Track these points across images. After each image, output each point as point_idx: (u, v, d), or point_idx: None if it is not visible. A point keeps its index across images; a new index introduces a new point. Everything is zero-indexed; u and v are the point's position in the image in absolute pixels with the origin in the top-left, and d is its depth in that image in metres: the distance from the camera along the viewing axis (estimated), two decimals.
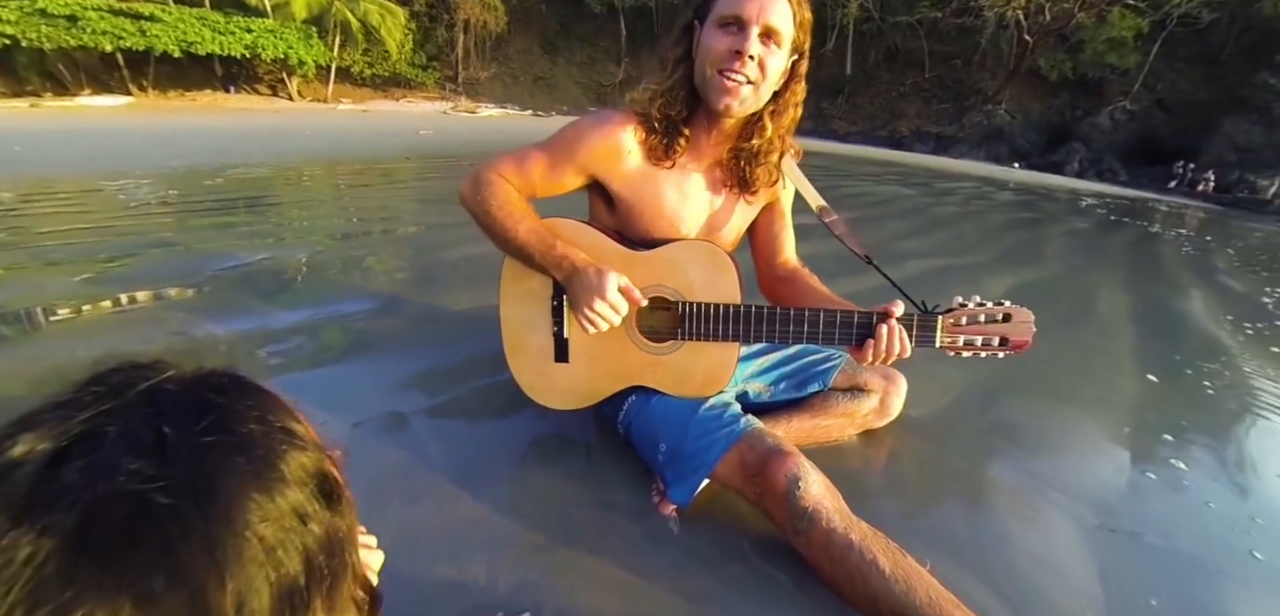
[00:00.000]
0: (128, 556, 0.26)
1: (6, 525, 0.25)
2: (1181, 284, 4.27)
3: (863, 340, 1.12)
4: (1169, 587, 1.16)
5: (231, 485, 0.30)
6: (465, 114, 21.42)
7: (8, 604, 0.24)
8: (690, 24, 1.17)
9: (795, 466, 1.07)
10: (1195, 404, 2.06)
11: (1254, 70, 26.04)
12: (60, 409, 0.30)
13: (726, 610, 1.00)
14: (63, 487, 0.27)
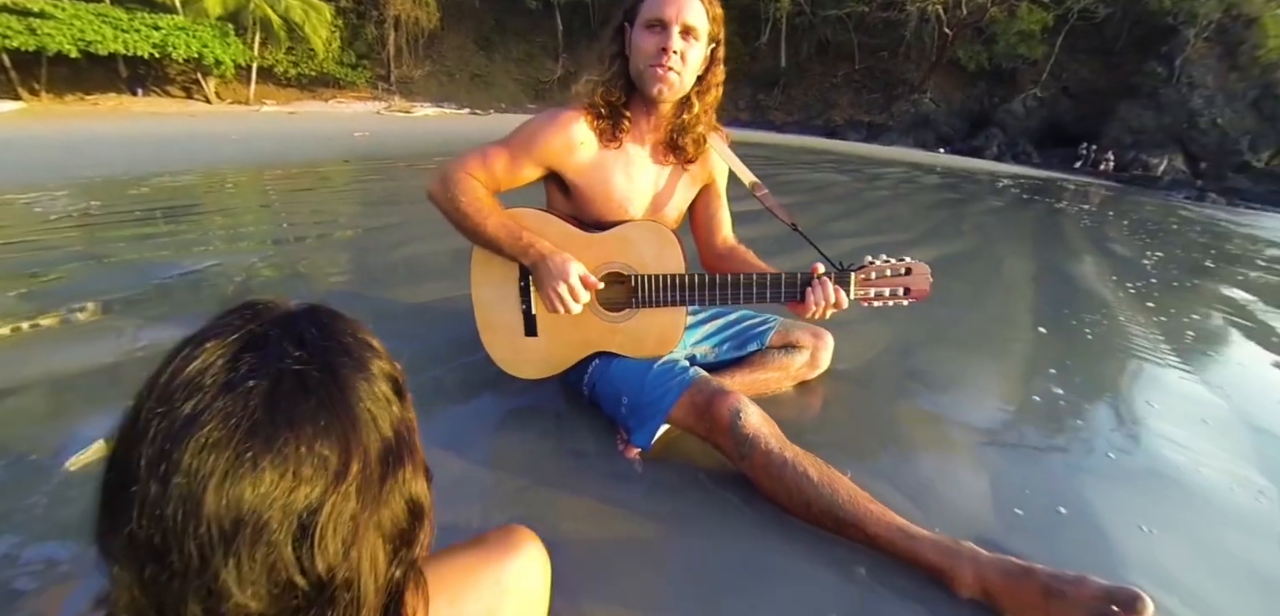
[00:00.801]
0: (302, 408, 0.40)
1: (219, 391, 0.39)
2: (1077, 251, 4.76)
3: (790, 297, 1.33)
4: (1041, 483, 1.43)
5: (346, 375, 0.44)
6: (400, 114, 20.27)
7: (234, 443, 0.37)
8: (621, 26, 1.36)
9: (737, 402, 1.26)
10: (1076, 347, 2.41)
11: (1143, 60, 28.39)
12: (222, 328, 0.43)
13: (688, 527, 1.18)
14: (251, 369, 0.40)
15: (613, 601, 0.98)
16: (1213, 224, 9.41)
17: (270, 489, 0.37)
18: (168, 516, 0.35)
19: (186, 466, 0.35)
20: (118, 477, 0.37)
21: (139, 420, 0.38)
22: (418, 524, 0.46)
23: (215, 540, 0.35)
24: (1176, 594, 1.11)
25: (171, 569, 0.35)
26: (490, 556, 0.59)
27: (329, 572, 0.39)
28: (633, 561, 1.08)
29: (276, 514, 0.37)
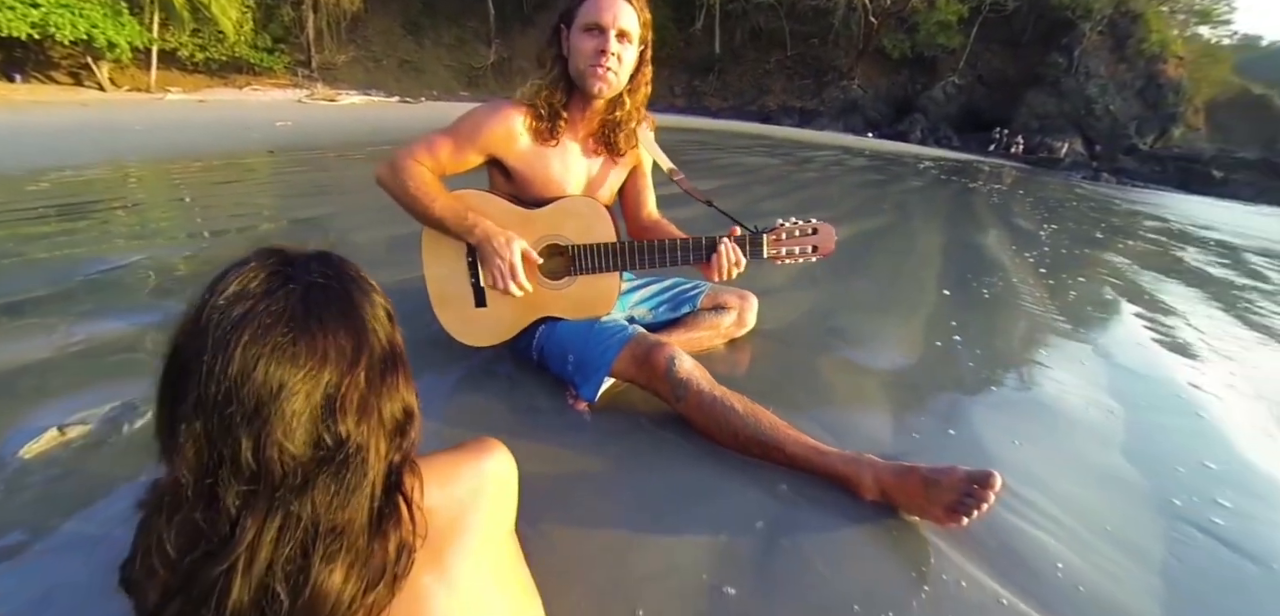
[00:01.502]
0: (326, 311, 0.51)
1: (263, 296, 0.49)
2: (983, 224, 5.21)
3: (701, 260, 1.48)
4: (936, 411, 1.67)
5: (356, 295, 0.55)
6: (324, 102, 18.66)
7: (276, 331, 0.48)
8: (558, 28, 1.47)
9: (672, 351, 1.41)
10: (974, 306, 2.72)
11: (1047, 51, 30.51)
12: (258, 257, 0.53)
13: (633, 461, 1.32)
14: (285, 281, 0.51)
15: (570, 522, 1.11)
16: (1104, 201, 10.35)
17: (304, 364, 0.48)
18: (230, 379, 0.46)
19: (243, 346, 0.46)
20: (184, 362, 0.48)
21: (201, 320, 0.48)
22: (410, 422, 0.57)
23: (265, 398, 0.46)
24: (1036, 487, 1.35)
25: (231, 418, 0.46)
26: (471, 454, 0.70)
27: (346, 436, 0.50)
28: (586, 491, 1.21)
29: (309, 384, 0.48)
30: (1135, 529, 1.28)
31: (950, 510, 1.08)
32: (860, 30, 30.83)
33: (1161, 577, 1.14)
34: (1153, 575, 1.15)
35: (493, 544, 0.66)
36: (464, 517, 0.63)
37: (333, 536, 0.50)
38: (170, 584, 0.49)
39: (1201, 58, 37.33)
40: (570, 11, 1.43)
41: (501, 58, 27.97)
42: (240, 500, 0.47)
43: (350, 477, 0.50)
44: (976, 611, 1.00)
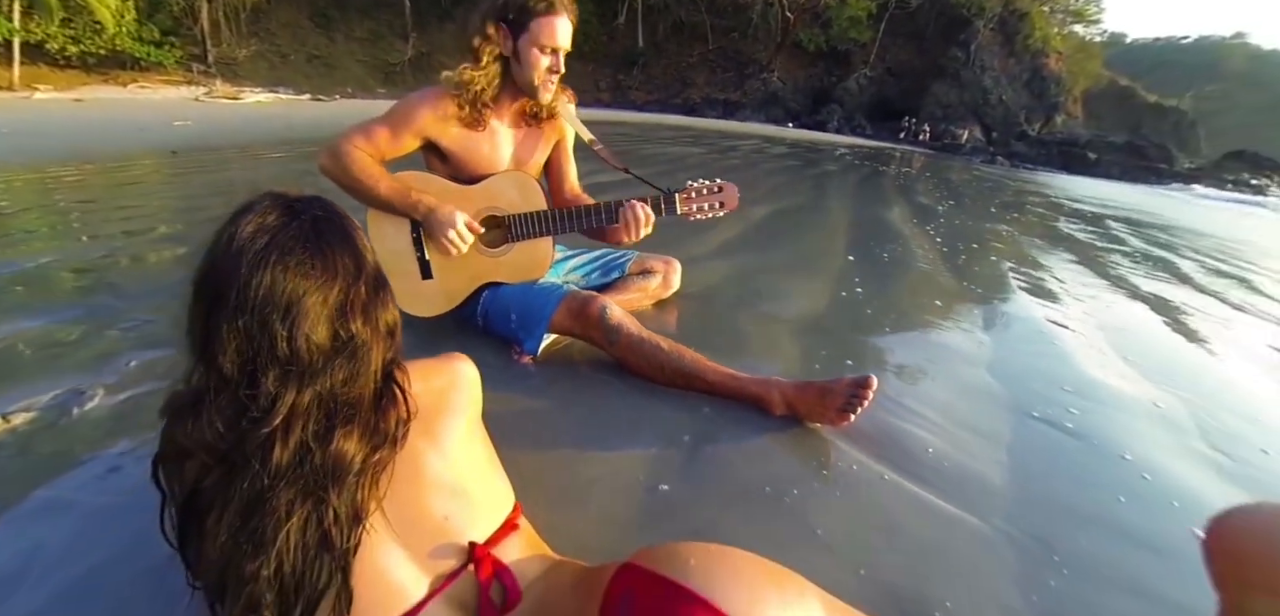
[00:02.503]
0: (331, 236, 0.64)
1: (280, 229, 0.61)
2: (889, 202, 5.67)
3: (613, 221, 1.64)
4: (837, 349, 1.92)
5: (350, 228, 0.68)
6: (226, 101, 16.75)
7: (297, 251, 0.60)
8: (498, 25, 1.57)
9: (604, 301, 1.57)
10: (875, 266, 3.05)
11: (948, 46, 32.68)
12: (265, 199, 0.64)
13: (575, 398, 1.48)
14: (295, 215, 0.63)
15: (525, 446, 1.24)
16: (998, 181, 11.33)
17: (321, 276, 0.62)
18: (266, 288, 0.59)
19: (272, 264, 0.59)
20: (221, 279, 0.60)
21: (231, 247, 0.60)
22: (397, 330, 0.72)
23: (294, 300, 0.60)
24: (915, 396, 1.63)
25: (268, 316, 0.58)
26: (444, 359, 0.84)
27: (355, 333, 0.64)
28: (535, 423, 1.36)
29: (326, 290, 0.62)
30: (992, 422, 1.56)
31: (841, 411, 1.31)
32: (778, 24, 31.92)
33: (1008, 454, 1.42)
34: (1002, 452, 1.42)
35: (471, 423, 0.81)
36: (445, 400, 0.78)
37: (348, 408, 0.64)
38: (211, 458, 0.60)
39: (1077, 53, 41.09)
40: (522, 21, 1.54)
41: (420, 52, 26.79)
42: (279, 380, 0.60)
43: (359, 364, 0.65)
44: (863, 485, 1.22)
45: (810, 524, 1.08)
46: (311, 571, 0.59)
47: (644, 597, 0.60)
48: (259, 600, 0.58)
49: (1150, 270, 4.17)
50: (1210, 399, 1.99)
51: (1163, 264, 4.51)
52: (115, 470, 1.12)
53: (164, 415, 0.65)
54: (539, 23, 1.53)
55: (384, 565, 0.65)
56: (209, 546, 0.60)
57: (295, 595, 0.59)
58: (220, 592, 0.60)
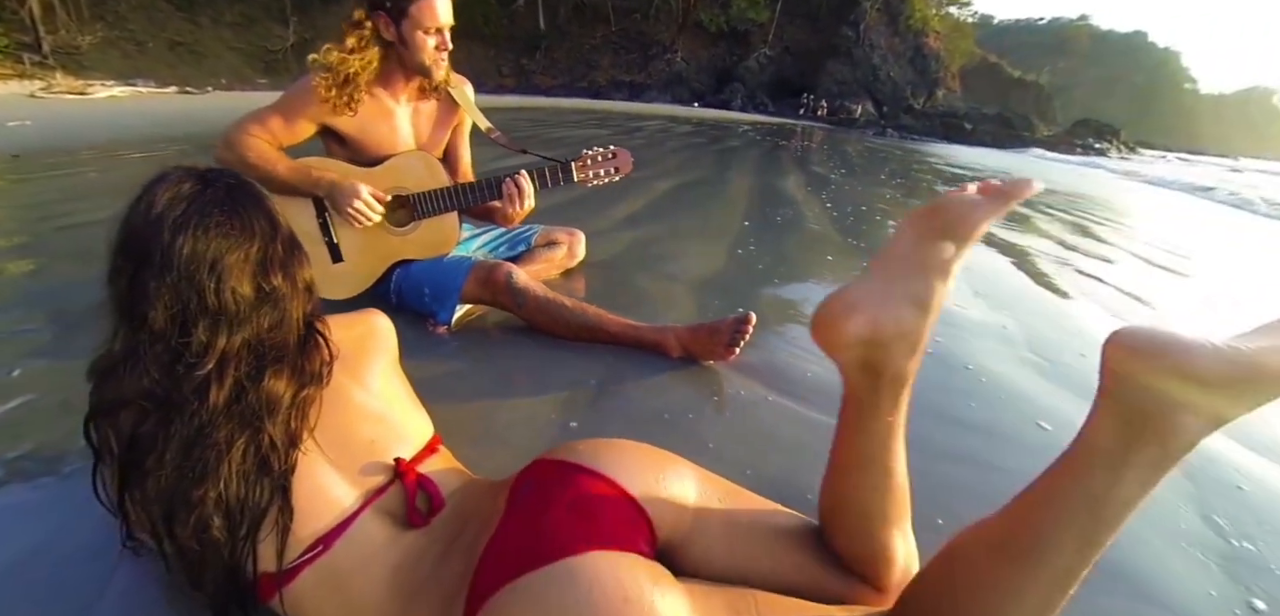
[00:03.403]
0: (245, 200, 0.70)
1: (195, 196, 0.67)
2: (786, 172, 6.03)
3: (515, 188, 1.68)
4: (732, 300, 2.11)
5: (261, 194, 0.74)
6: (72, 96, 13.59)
7: (215, 213, 0.66)
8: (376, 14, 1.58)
9: (510, 268, 1.66)
10: (769, 228, 3.30)
11: (839, 25, 34.41)
12: (173, 173, 0.69)
13: (491, 356, 1.57)
14: (207, 184, 0.69)
15: (446, 400, 1.29)
16: (887, 151, 12.19)
17: (240, 235, 0.68)
18: (190, 248, 0.64)
19: (194, 227, 0.65)
20: (144, 244, 0.65)
21: (149, 215, 0.65)
22: (314, 287, 0.79)
23: (218, 257, 0.66)
24: (800, 334, 1.84)
25: (193, 273, 0.64)
26: (361, 313, 0.92)
27: (277, 286, 0.71)
28: (455, 381, 1.43)
29: (246, 246, 0.68)
30: None
31: (727, 346, 1.48)
32: (679, 5, 32.34)
33: None
34: None
35: (390, 363, 0.90)
36: (365, 344, 0.86)
37: (276, 351, 0.71)
38: (150, 403, 0.66)
39: (953, 32, 44.58)
40: (401, 7, 1.56)
41: (303, 38, 24.34)
42: (209, 328, 0.66)
43: (282, 312, 0.72)
44: (750, 405, 1.40)
45: (703, 439, 1.23)
46: (253, 493, 0.67)
47: (543, 476, 0.72)
48: (208, 520, 0.65)
49: (1005, 221, 4.72)
50: (1041, 320, 2.35)
51: (1017, 216, 5.10)
52: None
53: (92, 377, 0.70)
54: (418, 6, 1.56)
55: (319, 483, 0.72)
56: (152, 484, 0.65)
57: (241, 514, 0.66)
58: (168, 524, 0.66)
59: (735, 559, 0.75)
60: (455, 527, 0.75)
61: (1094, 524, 0.53)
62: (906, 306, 0.62)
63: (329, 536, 0.71)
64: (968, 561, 0.61)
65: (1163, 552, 1.10)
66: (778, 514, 0.82)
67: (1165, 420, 0.49)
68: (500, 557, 0.64)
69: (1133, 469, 0.51)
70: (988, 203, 0.63)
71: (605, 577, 0.59)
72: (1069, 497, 0.54)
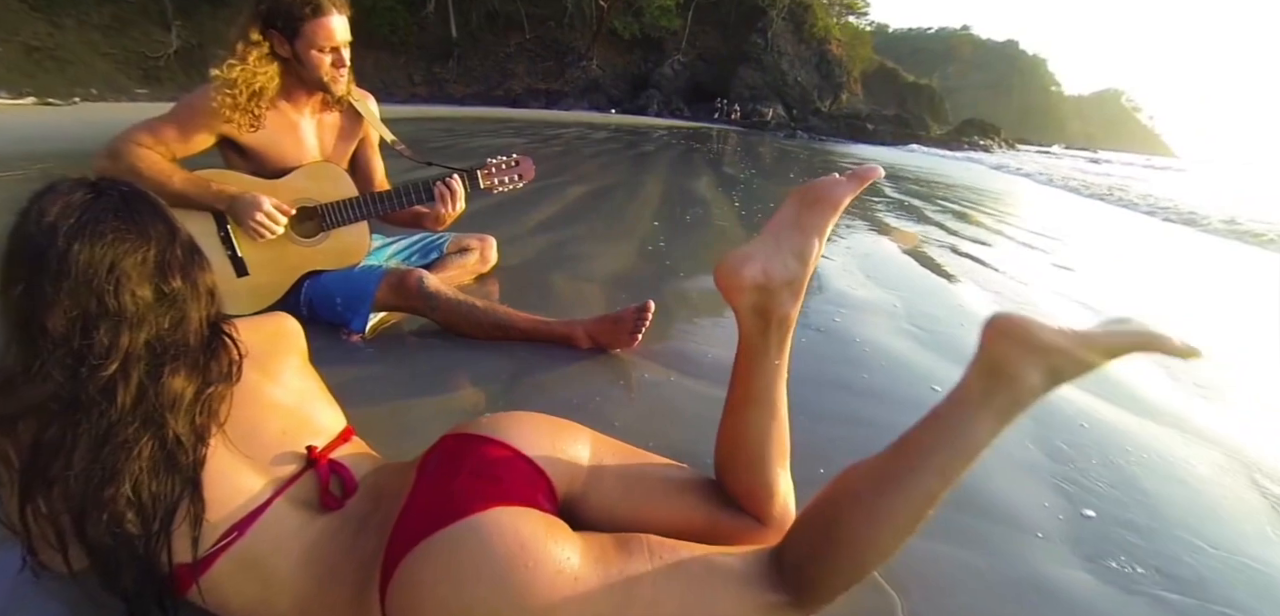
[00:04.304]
0: (143, 207, 0.72)
1: (88, 205, 0.68)
2: (699, 174, 6.26)
3: (432, 197, 1.73)
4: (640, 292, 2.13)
5: (157, 200, 0.76)
6: None
7: (110, 220, 0.67)
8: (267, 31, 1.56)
9: (421, 273, 1.70)
10: (678, 226, 3.48)
11: (749, 33, 35.76)
12: (64, 184, 0.70)
13: (406, 360, 1.60)
14: (100, 193, 0.70)
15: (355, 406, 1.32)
16: (796, 152, 12.82)
17: (136, 240, 0.70)
18: (87, 254, 0.66)
19: (89, 235, 0.66)
20: (38, 253, 0.65)
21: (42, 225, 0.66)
22: (216, 292, 0.81)
23: (116, 262, 0.67)
24: (703, 322, 1.98)
25: (91, 278, 0.66)
26: (270, 316, 0.95)
27: (176, 288, 0.73)
28: (368, 384, 1.43)
29: (143, 251, 0.70)
30: None
31: (630, 334, 1.59)
32: (593, 12, 32.50)
33: None
34: None
35: (300, 361, 0.93)
36: (275, 344, 0.90)
37: (175, 351, 0.73)
38: (56, 404, 0.66)
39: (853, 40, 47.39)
40: (292, 28, 1.55)
41: (188, 44, 22.29)
42: (111, 331, 0.67)
43: (182, 314, 0.74)
44: (653, 386, 1.51)
45: (610, 418, 1.33)
46: (164, 487, 0.69)
47: (449, 449, 0.79)
48: (120, 516, 0.66)
49: (898, 212, 5.14)
50: (924, 297, 2.62)
51: (909, 207, 5.57)
52: None
53: None
54: (310, 27, 1.55)
55: (231, 474, 0.75)
56: (59, 490, 0.66)
57: (153, 508, 0.68)
58: (79, 527, 0.67)
59: (631, 507, 0.84)
60: (369, 506, 0.80)
61: (954, 456, 0.68)
62: (791, 258, 0.80)
63: (243, 523, 0.74)
64: (850, 492, 0.74)
65: (1008, 479, 1.29)
66: (671, 467, 0.93)
67: (1018, 380, 0.66)
68: (411, 523, 0.70)
69: (989, 411, 0.67)
70: (848, 183, 0.82)
71: (505, 528, 0.67)
72: (939, 435, 0.69)
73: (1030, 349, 0.66)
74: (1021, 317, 0.67)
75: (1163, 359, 2.12)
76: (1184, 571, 1.06)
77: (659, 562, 0.71)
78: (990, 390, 0.67)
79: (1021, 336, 0.66)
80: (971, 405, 0.68)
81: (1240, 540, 1.18)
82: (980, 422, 0.67)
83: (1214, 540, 1.16)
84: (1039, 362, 0.66)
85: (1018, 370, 0.66)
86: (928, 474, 0.68)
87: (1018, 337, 0.66)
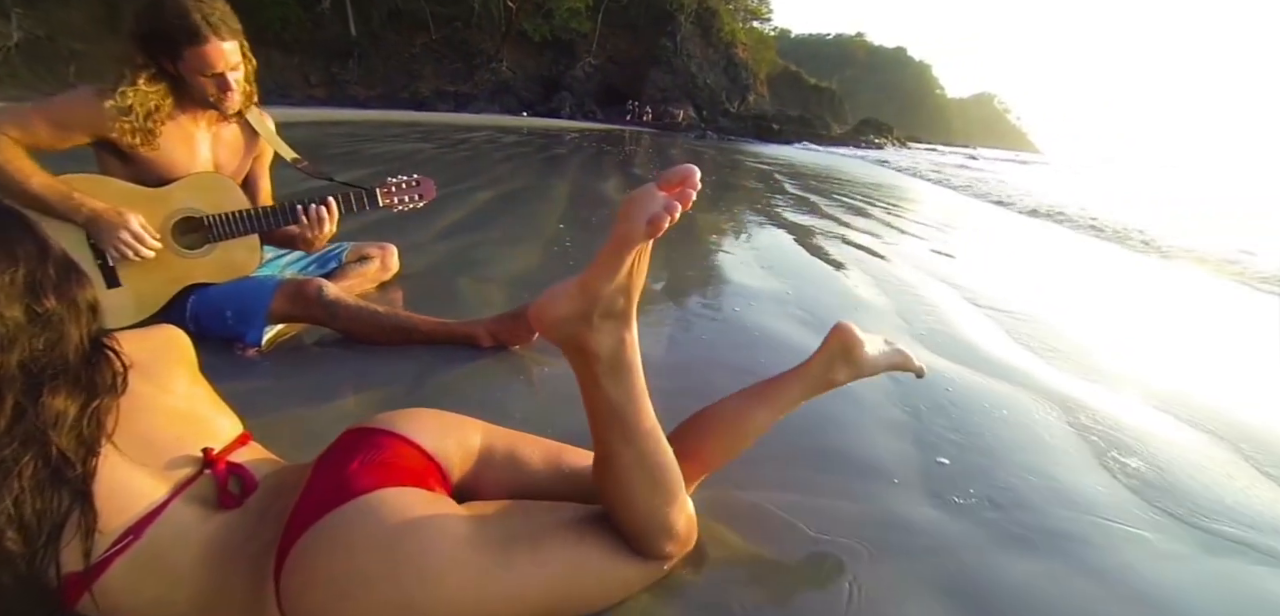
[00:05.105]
0: (12, 227, 0.70)
1: None
2: (607, 176, 6.37)
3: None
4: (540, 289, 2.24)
5: (30, 220, 0.74)
6: None
7: None
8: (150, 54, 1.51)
9: (319, 282, 1.67)
10: (583, 228, 3.58)
11: (658, 36, 36.38)
12: None
13: (308, 369, 1.58)
14: None
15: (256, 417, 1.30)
16: (705, 151, 13.21)
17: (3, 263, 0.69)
18: None
19: None
20: None
21: None
22: (98, 306, 0.79)
23: None
24: None
25: None
26: (155, 327, 0.93)
27: (51, 309, 0.72)
28: (266, 398, 1.40)
29: (11, 273, 0.68)
30: (669, 320, 2.10)
31: (530, 329, 1.64)
32: (501, 13, 31.97)
33: (674, 338, 1.95)
34: (671, 336, 1.93)
35: (190, 371, 0.92)
36: (162, 354, 0.89)
37: (53, 370, 0.72)
38: None
39: (758, 44, 49.34)
40: (173, 53, 1.49)
41: (32, 35, 19.86)
42: None
43: (57, 333, 0.73)
44: (553, 379, 1.59)
45: (510, 411, 1.38)
46: (50, 503, 0.69)
47: (345, 442, 0.83)
48: (1, 533, 0.65)
49: (796, 207, 5.47)
50: (813, 284, 2.83)
51: (806, 201, 5.93)
52: None
53: None
54: (191, 53, 1.49)
55: (125, 482, 0.75)
56: None
57: (38, 524, 0.68)
58: None
59: (520, 486, 0.91)
60: (268, 502, 0.81)
61: (622, 424, 0.78)
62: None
63: (139, 526, 0.74)
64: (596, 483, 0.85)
65: (872, 438, 1.46)
66: (559, 448, 1.01)
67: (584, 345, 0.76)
68: (305, 511, 0.74)
69: (604, 381, 0.77)
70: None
71: (392, 504, 0.72)
72: (597, 419, 0.80)
73: (566, 320, 0.76)
74: (540, 300, 0.78)
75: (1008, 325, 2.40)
76: (1010, 497, 1.26)
77: (539, 523, 0.79)
78: (586, 367, 0.78)
79: (549, 315, 0.77)
80: (589, 389, 0.80)
81: (1056, 468, 1.40)
82: (610, 393, 0.78)
83: (1036, 469, 1.38)
84: (585, 322, 0.76)
85: (582, 339, 0.76)
86: (619, 447, 0.79)
87: (550, 318, 0.77)
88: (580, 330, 0.75)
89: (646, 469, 0.80)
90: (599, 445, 0.81)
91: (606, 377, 0.76)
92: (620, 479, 0.80)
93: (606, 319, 0.75)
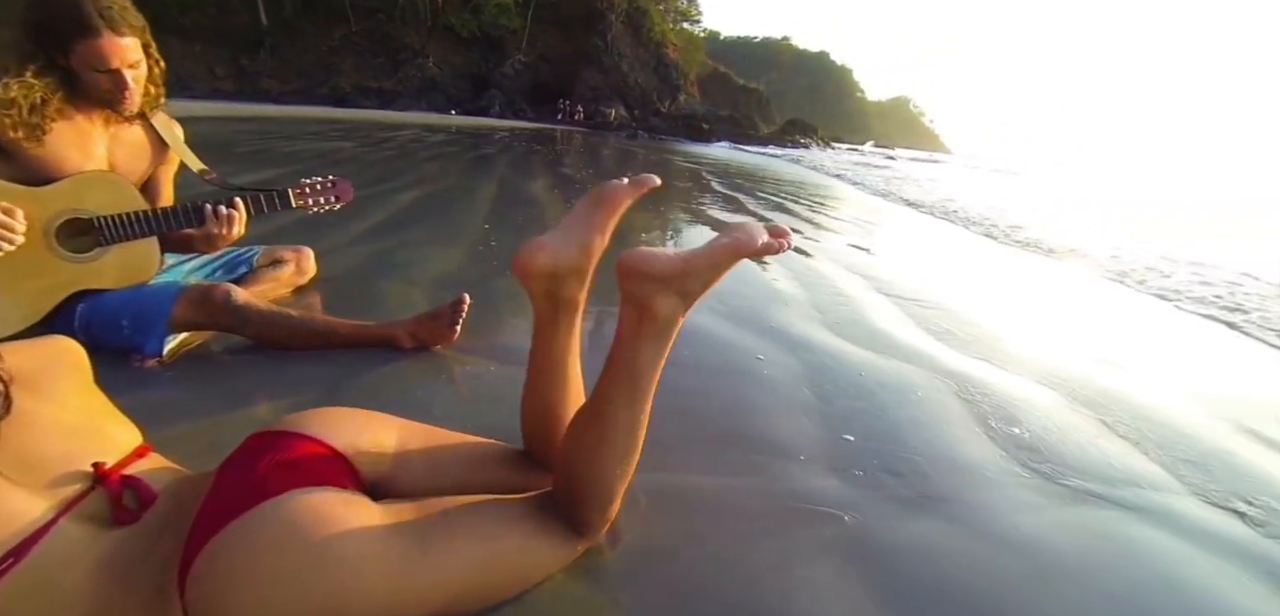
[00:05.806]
0: None
1: None
2: (535, 176, 6.34)
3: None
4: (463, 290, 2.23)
5: None
6: None
7: None
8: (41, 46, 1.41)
9: (227, 286, 1.60)
10: (509, 228, 3.58)
11: (589, 35, 36.28)
12: None
13: (217, 379, 1.51)
14: None
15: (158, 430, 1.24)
16: (637, 151, 13.31)
17: None
18: None
19: None
20: None
21: None
22: None
23: None
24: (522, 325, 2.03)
25: None
26: (45, 338, 0.89)
27: None
28: (170, 408, 1.33)
29: None
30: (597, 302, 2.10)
31: (449, 326, 1.66)
32: (427, 8, 30.99)
33: (597, 322, 1.97)
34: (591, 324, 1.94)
35: (83, 381, 0.88)
36: (50, 365, 0.84)
37: None
38: None
39: (688, 45, 50.05)
40: (64, 46, 1.40)
41: None
42: None
43: None
44: (474, 376, 1.59)
45: (431, 410, 1.39)
46: None
47: (250, 445, 0.82)
48: None
49: (723, 205, 5.63)
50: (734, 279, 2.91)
51: (732, 199, 6.11)
52: None
53: None
54: (82, 47, 1.41)
55: (4, 504, 0.71)
56: None
57: None
58: None
59: (437, 482, 0.93)
60: (169, 513, 0.79)
61: (633, 386, 0.83)
62: (577, 250, 0.87)
63: (20, 549, 0.71)
64: (573, 440, 0.88)
65: (782, 419, 1.55)
66: (479, 443, 1.03)
67: (650, 305, 0.79)
68: (209, 517, 0.73)
69: (644, 342, 0.81)
70: (629, 189, 0.90)
71: (303, 505, 0.72)
72: (616, 374, 0.84)
73: (654, 280, 0.77)
74: (639, 254, 0.76)
75: (914, 313, 2.58)
76: (907, 466, 1.39)
77: (454, 516, 0.81)
78: (638, 323, 0.80)
79: (644, 271, 0.76)
80: (629, 341, 0.82)
81: (948, 438, 1.55)
82: (642, 353, 0.82)
83: (931, 440, 1.53)
84: (666, 289, 0.78)
85: (652, 301, 0.78)
86: (619, 406, 0.83)
87: (642, 272, 0.77)
88: (659, 292, 0.78)
89: (629, 439, 0.85)
90: (598, 400, 0.85)
91: (650, 339, 0.81)
92: (603, 436, 0.84)
93: (681, 295, 0.80)
